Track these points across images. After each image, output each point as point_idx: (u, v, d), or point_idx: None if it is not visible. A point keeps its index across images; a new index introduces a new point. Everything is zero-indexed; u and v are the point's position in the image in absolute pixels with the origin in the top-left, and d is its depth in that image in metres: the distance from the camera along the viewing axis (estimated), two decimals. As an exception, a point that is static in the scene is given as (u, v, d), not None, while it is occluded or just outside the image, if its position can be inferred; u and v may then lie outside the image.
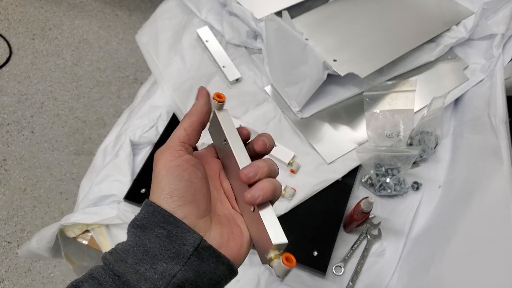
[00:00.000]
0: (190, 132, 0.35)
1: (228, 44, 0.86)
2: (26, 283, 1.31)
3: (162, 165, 0.32)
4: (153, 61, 0.84)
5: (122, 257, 0.28)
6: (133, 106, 0.83)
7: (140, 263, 0.28)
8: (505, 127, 0.70)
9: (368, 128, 0.74)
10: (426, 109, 0.75)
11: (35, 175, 1.51)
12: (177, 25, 0.89)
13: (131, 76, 1.78)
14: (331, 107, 0.77)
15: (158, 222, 0.30)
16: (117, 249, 0.29)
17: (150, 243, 0.29)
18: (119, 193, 0.68)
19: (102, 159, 0.75)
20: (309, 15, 0.84)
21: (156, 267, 0.28)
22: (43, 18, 1.95)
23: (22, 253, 0.71)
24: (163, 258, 0.28)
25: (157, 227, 0.30)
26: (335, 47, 0.77)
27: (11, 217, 1.42)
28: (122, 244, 0.30)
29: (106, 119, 1.66)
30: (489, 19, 0.83)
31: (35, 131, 1.61)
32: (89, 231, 0.68)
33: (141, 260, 0.28)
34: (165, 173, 0.32)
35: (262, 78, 0.81)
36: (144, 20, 0.93)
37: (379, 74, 0.78)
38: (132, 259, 0.28)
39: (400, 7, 0.86)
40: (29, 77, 1.75)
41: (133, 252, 0.29)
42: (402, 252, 0.65)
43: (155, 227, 0.30)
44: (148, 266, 0.28)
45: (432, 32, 0.81)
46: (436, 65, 0.82)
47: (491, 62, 0.79)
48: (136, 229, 0.30)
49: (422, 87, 0.80)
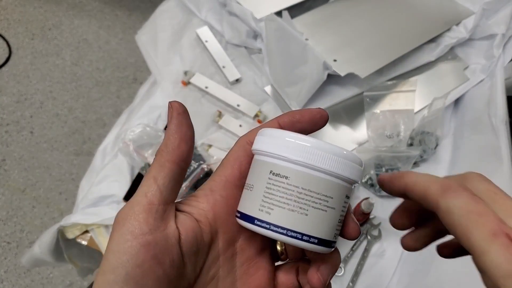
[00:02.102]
0: (164, 182, 0.23)
1: (227, 44, 0.86)
2: (25, 284, 1.31)
3: (115, 246, 0.21)
4: (153, 61, 0.84)
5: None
6: (132, 106, 0.83)
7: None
8: (505, 127, 0.70)
9: (368, 128, 0.74)
10: (426, 110, 0.75)
11: (34, 176, 1.51)
12: (176, 25, 0.89)
13: (130, 76, 1.78)
14: (331, 107, 0.77)
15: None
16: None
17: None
18: (118, 193, 0.68)
19: (101, 160, 0.75)
20: (309, 15, 0.84)
21: None
22: (43, 18, 1.95)
23: (26, 262, 0.71)
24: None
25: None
26: (335, 47, 0.77)
27: (10, 218, 1.42)
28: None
29: (106, 119, 1.66)
30: (489, 19, 0.82)
31: (34, 131, 1.61)
32: (89, 232, 0.68)
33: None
34: (116, 263, 0.21)
35: (262, 78, 0.81)
36: (143, 20, 0.93)
37: (379, 74, 0.78)
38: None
39: (400, 7, 0.86)
40: (28, 77, 1.75)
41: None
42: (402, 253, 0.65)
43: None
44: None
45: (433, 32, 0.81)
46: (437, 65, 0.82)
47: (491, 62, 0.79)
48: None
49: (423, 87, 0.80)
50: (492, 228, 0.19)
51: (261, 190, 0.23)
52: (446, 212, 0.20)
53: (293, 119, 0.25)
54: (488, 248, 0.18)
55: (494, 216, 0.19)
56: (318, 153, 0.22)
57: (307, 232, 0.22)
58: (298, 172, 0.22)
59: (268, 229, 0.23)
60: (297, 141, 0.23)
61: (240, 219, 0.24)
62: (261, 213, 0.23)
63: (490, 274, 0.18)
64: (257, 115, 0.75)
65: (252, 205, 0.23)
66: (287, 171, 0.23)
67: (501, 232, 0.18)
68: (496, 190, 0.22)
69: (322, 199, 0.23)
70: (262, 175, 0.23)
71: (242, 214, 0.24)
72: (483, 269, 0.19)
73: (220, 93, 0.78)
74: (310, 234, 0.23)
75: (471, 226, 0.19)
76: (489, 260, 0.18)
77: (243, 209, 0.24)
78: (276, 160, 0.23)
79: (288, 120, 0.25)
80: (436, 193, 0.21)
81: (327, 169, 0.22)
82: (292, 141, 0.23)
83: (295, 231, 0.22)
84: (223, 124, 0.74)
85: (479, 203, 0.20)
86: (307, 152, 0.22)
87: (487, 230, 0.19)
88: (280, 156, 0.23)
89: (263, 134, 0.24)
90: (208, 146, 0.71)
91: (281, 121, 0.26)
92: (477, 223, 0.19)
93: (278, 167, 0.23)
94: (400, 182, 0.24)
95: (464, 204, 0.20)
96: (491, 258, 0.18)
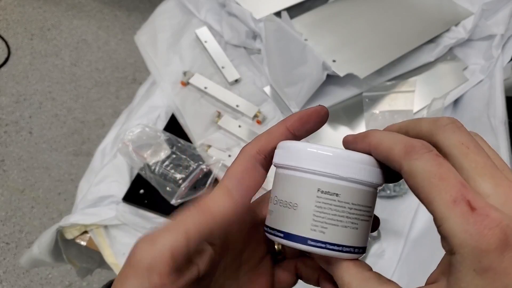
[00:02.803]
0: (195, 238, 0.21)
1: (227, 44, 0.86)
2: (24, 284, 1.31)
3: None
4: (152, 62, 0.84)
5: None
6: (132, 107, 0.83)
7: None
8: (504, 128, 0.70)
9: (368, 128, 0.74)
10: (425, 110, 0.75)
11: (33, 176, 1.50)
12: (176, 26, 0.89)
13: (130, 76, 1.78)
14: (331, 108, 0.77)
15: None
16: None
17: None
18: (117, 194, 0.68)
19: (100, 160, 0.75)
20: (308, 15, 0.84)
21: None
22: (42, 18, 1.95)
23: (25, 263, 0.71)
24: None
25: None
26: (334, 48, 0.77)
27: (9, 218, 1.42)
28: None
29: (105, 120, 1.66)
30: (488, 20, 0.83)
31: (33, 131, 1.61)
32: (88, 232, 0.68)
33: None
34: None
35: (261, 78, 0.81)
36: (143, 21, 0.93)
37: (378, 75, 0.78)
38: None
39: (399, 8, 0.86)
40: (27, 78, 1.75)
41: None
42: (402, 253, 0.65)
43: None
44: None
45: (432, 33, 0.81)
46: (436, 65, 0.82)
47: (490, 63, 0.79)
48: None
49: (422, 88, 0.80)
50: (452, 194, 0.18)
51: (310, 209, 0.22)
52: (409, 175, 0.20)
53: (302, 120, 0.25)
54: (448, 215, 0.18)
55: (456, 179, 0.18)
56: (362, 167, 0.22)
57: (358, 244, 0.23)
58: (348, 188, 0.22)
59: (324, 248, 0.22)
60: (341, 157, 0.22)
61: (286, 240, 0.23)
62: (314, 233, 0.22)
63: (448, 241, 0.18)
64: (256, 115, 0.75)
65: (302, 225, 0.23)
66: (337, 188, 0.22)
67: (462, 199, 0.18)
68: (468, 143, 0.20)
69: (367, 210, 0.23)
70: (308, 193, 0.23)
71: (289, 234, 0.23)
72: (442, 235, 0.18)
73: (219, 93, 0.78)
74: (360, 246, 0.23)
75: (433, 191, 0.18)
76: (448, 228, 0.18)
77: (289, 229, 0.23)
78: (323, 178, 0.22)
79: (299, 124, 0.25)
80: (399, 154, 0.20)
81: (371, 182, 0.23)
82: (335, 157, 0.22)
83: (350, 246, 0.22)
84: (222, 124, 0.74)
85: (442, 165, 0.19)
86: (353, 167, 0.22)
87: (448, 196, 0.18)
88: (328, 174, 0.22)
89: (291, 149, 0.23)
90: (207, 146, 0.71)
91: (290, 125, 0.24)
92: (438, 188, 0.18)
93: (327, 185, 0.22)
94: (364, 142, 0.23)
95: (427, 167, 0.19)
96: (449, 226, 0.18)
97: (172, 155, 0.70)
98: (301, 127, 0.25)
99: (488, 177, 0.19)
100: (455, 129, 0.20)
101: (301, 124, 0.25)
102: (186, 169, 0.68)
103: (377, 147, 0.22)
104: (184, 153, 0.70)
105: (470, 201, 0.18)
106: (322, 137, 0.73)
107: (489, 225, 0.17)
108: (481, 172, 0.19)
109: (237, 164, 0.24)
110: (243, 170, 0.24)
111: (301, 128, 0.25)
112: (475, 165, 0.19)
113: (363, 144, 0.23)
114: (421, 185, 0.19)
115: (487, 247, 0.17)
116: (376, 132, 0.22)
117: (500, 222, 0.17)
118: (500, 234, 0.17)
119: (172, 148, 0.70)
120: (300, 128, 0.25)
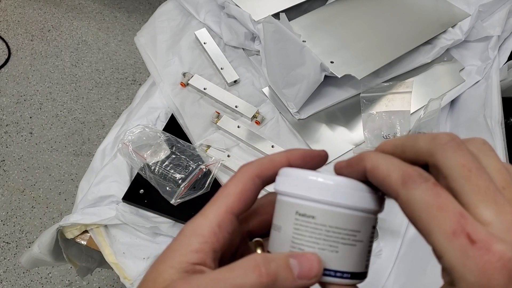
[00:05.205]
0: (223, 227, 0.23)
1: (226, 46, 0.86)
2: (24, 284, 1.31)
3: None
4: (152, 63, 0.84)
5: None
6: (131, 107, 0.84)
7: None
8: (501, 128, 0.71)
9: (365, 129, 0.75)
10: (422, 111, 0.76)
11: (34, 176, 1.51)
12: (175, 27, 0.89)
13: (129, 77, 1.79)
14: (328, 108, 0.77)
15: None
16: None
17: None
18: (117, 193, 0.69)
19: (100, 160, 0.75)
20: (306, 17, 0.84)
21: None
22: (42, 19, 1.96)
23: (25, 262, 0.71)
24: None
25: None
26: (332, 49, 0.78)
27: (9, 218, 1.42)
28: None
29: (105, 120, 1.66)
30: (485, 21, 0.83)
31: (33, 132, 1.62)
32: (88, 232, 0.69)
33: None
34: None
35: (260, 79, 0.82)
36: (142, 22, 0.94)
37: (375, 76, 0.79)
38: None
39: (396, 10, 0.87)
40: (28, 78, 1.76)
41: None
42: (399, 252, 0.66)
43: None
44: None
45: (428, 34, 0.82)
46: (432, 66, 0.83)
47: (487, 64, 0.80)
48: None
49: (419, 89, 0.80)
50: (452, 226, 0.17)
51: (290, 231, 0.23)
52: (406, 204, 0.19)
53: (304, 159, 0.25)
54: (446, 249, 0.17)
55: (454, 210, 0.18)
56: (341, 190, 0.22)
57: (340, 268, 0.23)
58: (324, 210, 0.22)
59: None
60: (319, 179, 0.23)
61: None
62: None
63: (448, 273, 0.18)
64: (255, 116, 0.76)
65: (283, 247, 0.23)
66: (313, 210, 0.23)
67: (461, 231, 0.17)
68: (470, 165, 0.19)
69: (350, 234, 0.23)
70: (288, 216, 0.23)
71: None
72: (442, 266, 0.18)
73: (219, 94, 0.78)
74: (343, 270, 0.23)
75: (431, 222, 0.18)
76: (447, 261, 0.17)
77: (274, 250, 0.24)
78: (300, 201, 0.23)
79: (301, 161, 0.25)
80: (396, 182, 0.19)
81: (351, 205, 0.22)
82: (314, 180, 0.23)
83: (328, 269, 0.22)
84: (222, 125, 0.74)
85: (441, 195, 0.18)
86: (330, 190, 0.22)
87: (447, 228, 0.17)
88: (304, 196, 0.23)
89: (284, 175, 0.24)
90: (206, 147, 0.72)
91: (292, 160, 0.25)
92: (437, 219, 0.18)
93: (304, 207, 0.23)
94: (359, 166, 0.22)
95: (425, 197, 0.18)
96: (449, 259, 0.17)
97: (172, 155, 0.70)
98: (302, 164, 0.25)
99: (490, 203, 0.18)
100: (456, 149, 0.19)
101: (302, 162, 0.25)
102: (186, 169, 0.69)
103: (373, 171, 0.21)
104: (184, 153, 0.71)
105: (469, 233, 0.17)
106: (320, 138, 0.74)
107: (490, 260, 0.16)
108: (483, 198, 0.18)
109: (234, 183, 0.24)
110: (241, 191, 0.24)
111: (301, 165, 0.25)
112: (477, 190, 0.18)
113: (358, 167, 0.22)
114: (419, 216, 0.18)
115: (487, 283, 0.16)
116: (371, 155, 0.22)
117: (502, 256, 0.16)
118: (503, 269, 0.16)
119: (171, 148, 0.71)
120: (300, 165, 0.25)
